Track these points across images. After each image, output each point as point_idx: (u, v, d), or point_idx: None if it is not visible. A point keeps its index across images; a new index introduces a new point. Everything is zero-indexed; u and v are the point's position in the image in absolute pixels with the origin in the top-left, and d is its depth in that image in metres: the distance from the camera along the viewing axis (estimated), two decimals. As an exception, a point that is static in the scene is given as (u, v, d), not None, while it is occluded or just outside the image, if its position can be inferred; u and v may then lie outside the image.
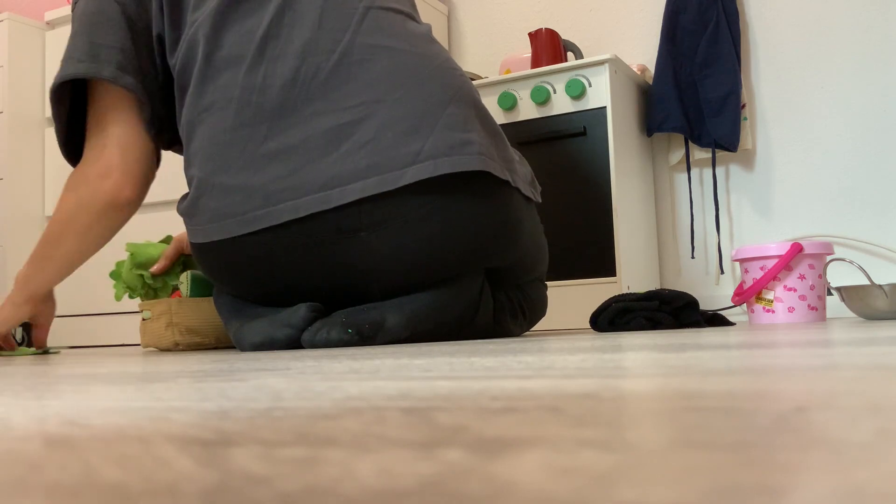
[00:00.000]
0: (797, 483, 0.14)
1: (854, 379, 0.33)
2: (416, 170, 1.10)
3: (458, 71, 1.21)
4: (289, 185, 1.12)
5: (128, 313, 2.53)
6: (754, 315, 1.63)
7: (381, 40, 1.16)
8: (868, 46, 2.07)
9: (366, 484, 0.16)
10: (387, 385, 0.40)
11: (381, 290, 1.17)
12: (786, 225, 2.13)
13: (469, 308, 1.20)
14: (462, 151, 1.12)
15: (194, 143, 1.19)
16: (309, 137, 1.12)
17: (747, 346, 0.63)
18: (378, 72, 1.14)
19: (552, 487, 0.15)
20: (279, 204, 1.11)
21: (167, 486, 0.17)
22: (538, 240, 1.32)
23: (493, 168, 1.15)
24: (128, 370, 0.68)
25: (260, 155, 1.13)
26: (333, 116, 1.13)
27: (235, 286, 1.22)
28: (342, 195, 1.10)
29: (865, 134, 2.06)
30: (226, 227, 1.15)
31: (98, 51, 1.24)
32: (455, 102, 1.15)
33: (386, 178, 1.10)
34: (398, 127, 1.12)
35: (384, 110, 1.12)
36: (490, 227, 1.16)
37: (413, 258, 1.13)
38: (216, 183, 1.15)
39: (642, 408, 0.27)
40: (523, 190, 1.23)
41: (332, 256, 1.14)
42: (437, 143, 1.12)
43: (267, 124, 1.14)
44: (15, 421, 0.31)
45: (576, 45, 2.24)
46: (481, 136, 1.16)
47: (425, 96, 1.14)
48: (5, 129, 2.61)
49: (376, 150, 1.11)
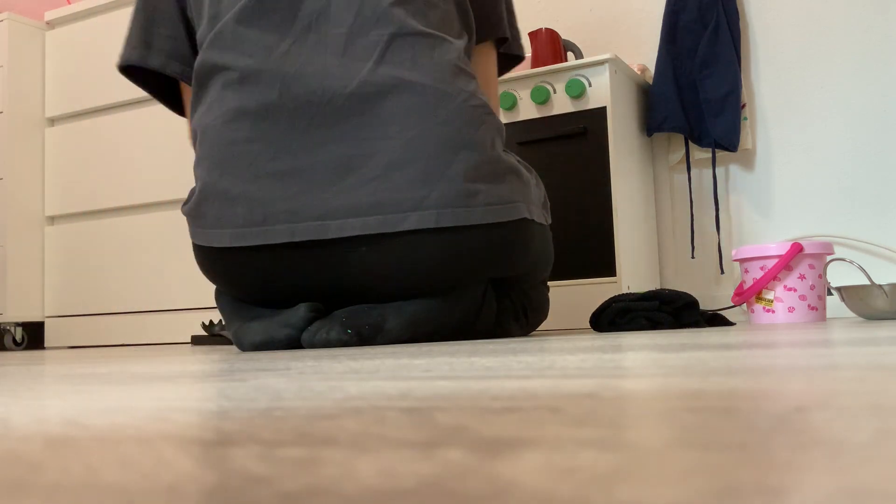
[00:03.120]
0: (797, 483, 0.14)
1: (854, 379, 0.33)
2: (419, 217, 1.10)
3: (480, 108, 1.17)
4: (289, 207, 1.12)
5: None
6: (754, 315, 1.63)
7: (403, 73, 1.14)
8: (868, 46, 2.07)
9: (366, 484, 0.16)
10: (387, 385, 0.40)
11: (380, 298, 1.17)
12: (786, 225, 2.13)
13: (470, 312, 1.20)
14: (468, 203, 1.12)
15: (206, 145, 1.19)
16: (316, 163, 1.12)
17: (747, 346, 0.63)
18: (393, 108, 1.13)
19: (552, 487, 0.15)
20: (277, 225, 1.12)
21: (167, 486, 0.17)
22: (545, 254, 1.32)
23: (499, 215, 1.15)
24: (128, 370, 0.68)
25: (266, 172, 1.13)
26: (343, 146, 1.12)
27: (233, 289, 1.22)
28: (341, 229, 1.11)
29: (865, 134, 2.06)
30: (225, 236, 1.16)
31: (151, 38, 1.30)
32: (468, 148, 1.13)
33: (387, 219, 1.10)
34: (406, 169, 1.11)
35: (394, 149, 1.11)
36: (494, 254, 1.17)
37: (414, 275, 1.14)
38: (220, 190, 1.16)
39: (642, 408, 0.27)
40: (536, 218, 1.24)
41: (331, 269, 1.14)
42: (445, 191, 1.11)
43: (277, 144, 1.14)
44: (15, 421, 0.31)
45: (576, 45, 2.24)
46: (490, 184, 1.15)
47: (438, 140, 1.12)
48: (5, 129, 2.61)
49: (381, 189, 1.11)
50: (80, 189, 2.61)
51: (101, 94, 2.58)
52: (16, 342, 2.62)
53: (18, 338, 2.63)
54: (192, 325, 2.38)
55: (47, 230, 2.68)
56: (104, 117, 2.58)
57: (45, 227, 2.69)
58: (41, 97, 2.71)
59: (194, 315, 2.38)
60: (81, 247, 2.60)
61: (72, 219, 2.65)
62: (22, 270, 2.62)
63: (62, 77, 2.68)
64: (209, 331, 1.90)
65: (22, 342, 2.64)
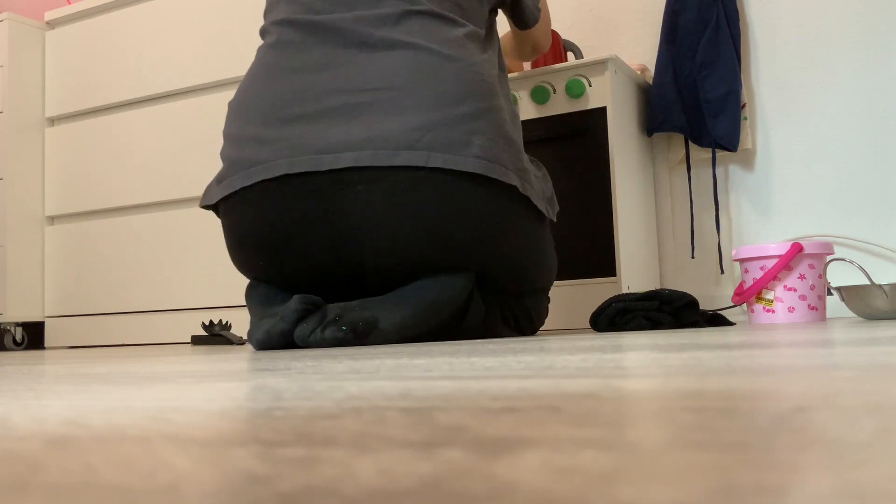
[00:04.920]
0: (797, 483, 0.14)
1: (854, 379, 0.33)
2: (409, 155, 1.15)
3: (481, 75, 1.23)
4: (291, 144, 1.19)
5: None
6: (754, 315, 1.63)
7: (410, 38, 1.22)
8: (868, 46, 2.07)
9: (366, 484, 0.16)
10: (387, 385, 0.40)
11: (375, 261, 1.18)
12: (786, 225, 2.13)
13: (457, 313, 1.21)
14: (459, 151, 1.15)
15: (239, 94, 1.29)
16: (322, 111, 1.20)
17: (747, 346, 0.63)
18: (399, 63, 1.20)
19: (552, 487, 0.15)
20: (279, 160, 1.19)
21: (167, 486, 0.17)
22: (539, 251, 1.31)
23: (491, 171, 1.15)
24: (128, 370, 0.68)
25: (276, 117, 1.22)
26: (349, 96, 1.20)
27: (245, 250, 1.25)
28: (335, 161, 1.16)
29: (865, 134, 2.06)
30: (234, 182, 1.22)
31: None
32: (467, 103, 1.19)
33: (379, 154, 1.15)
34: (404, 115, 1.17)
35: (395, 98, 1.18)
36: (479, 220, 1.18)
37: (404, 222, 1.16)
38: (235, 132, 1.25)
39: (642, 408, 0.27)
40: (534, 200, 1.24)
41: (330, 206, 1.16)
42: (438, 136, 1.16)
43: (291, 94, 1.22)
44: (15, 421, 0.31)
45: (576, 45, 2.24)
46: (487, 140, 1.16)
47: (438, 93, 1.18)
48: (5, 129, 2.61)
49: (378, 128, 1.17)
50: (80, 189, 2.61)
51: (101, 94, 2.58)
52: (16, 342, 2.62)
53: (18, 338, 2.63)
54: (192, 325, 2.38)
55: (47, 230, 2.68)
56: (104, 117, 2.58)
57: (45, 227, 2.69)
58: (41, 97, 2.71)
59: (194, 315, 2.38)
60: (81, 247, 2.60)
61: (72, 219, 2.65)
62: (22, 270, 2.62)
63: (62, 77, 2.68)
64: (209, 331, 1.90)
65: (22, 342, 2.64)
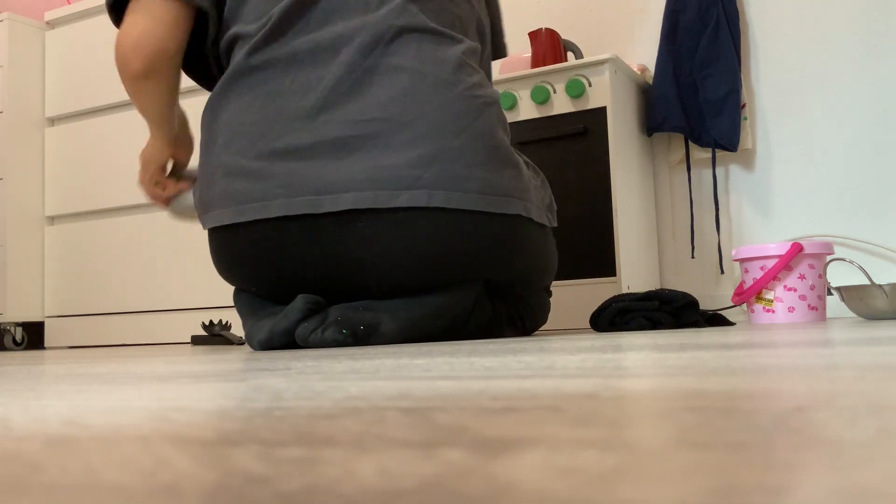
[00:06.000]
0: (797, 483, 0.14)
1: (854, 379, 0.33)
2: (410, 196, 1.12)
3: (480, 99, 1.19)
4: (286, 182, 1.14)
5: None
6: (754, 315, 1.63)
7: (405, 62, 1.17)
8: (868, 46, 2.07)
9: (366, 484, 0.16)
10: (387, 385, 0.40)
11: (378, 286, 1.17)
12: (786, 225, 2.13)
13: (461, 316, 1.20)
14: (461, 186, 1.13)
15: (220, 119, 1.22)
16: (317, 143, 1.15)
17: (747, 346, 0.63)
18: (394, 91, 1.15)
19: (552, 487, 0.15)
20: (275, 199, 1.15)
21: (167, 486, 0.17)
22: (545, 259, 1.31)
23: (494, 206, 1.15)
24: (128, 370, 0.68)
25: (269, 150, 1.16)
26: (344, 127, 1.15)
27: (244, 279, 1.24)
28: (334, 203, 1.12)
29: (865, 134, 2.06)
30: (225, 215, 1.18)
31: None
32: (465, 134, 1.15)
33: (380, 195, 1.12)
34: (404, 150, 1.13)
35: (392, 132, 1.14)
36: (485, 245, 1.17)
37: (407, 254, 1.14)
38: (225, 162, 1.19)
39: (642, 408, 0.27)
40: (536, 218, 1.23)
41: (329, 245, 1.15)
42: (439, 172, 1.13)
43: (282, 123, 1.17)
44: (15, 421, 0.31)
45: (576, 45, 2.24)
46: (488, 171, 1.15)
47: (436, 124, 1.14)
48: (5, 129, 2.61)
49: (377, 166, 1.13)
50: (80, 189, 2.61)
51: (101, 94, 2.58)
52: (16, 342, 2.62)
53: (18, 338, 2.63)
54: (192, 325, 2.38)
55: (47, 230, 2.68)
56: (104, 117, 2.58)
57: (45, 227, 2.69)
58: (41, 97, 2.71)
59: (194, 315, 2.38)
60: (81, 247, 2.60)
61: (72, 219, 2.65)
62: (22, 270, 2.62)
63: (62, 77, 2.68)
64: (209, 331, 1.90)
65: (22, 342, 2.64)
